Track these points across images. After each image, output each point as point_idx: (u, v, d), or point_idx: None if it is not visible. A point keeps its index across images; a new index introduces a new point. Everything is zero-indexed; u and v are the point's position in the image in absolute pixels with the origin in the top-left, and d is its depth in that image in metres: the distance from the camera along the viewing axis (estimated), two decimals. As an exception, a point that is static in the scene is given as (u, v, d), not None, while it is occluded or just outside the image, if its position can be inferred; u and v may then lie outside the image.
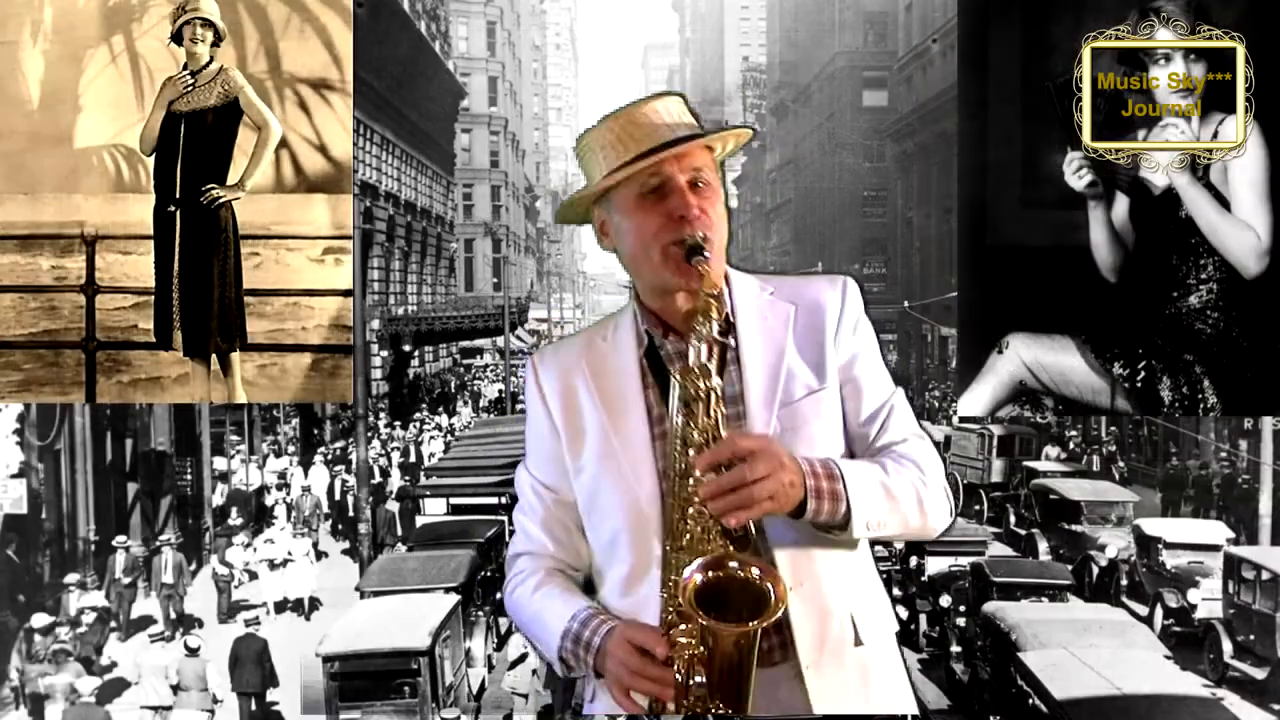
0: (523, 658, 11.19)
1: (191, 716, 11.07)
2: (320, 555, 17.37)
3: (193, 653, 11.27)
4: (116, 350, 5.07)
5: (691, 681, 1.81)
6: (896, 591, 15.18)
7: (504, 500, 15.60)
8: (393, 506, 18.40)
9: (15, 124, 5.07)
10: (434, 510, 16.87)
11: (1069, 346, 5.77)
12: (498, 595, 12.77)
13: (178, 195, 5.03)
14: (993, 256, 5.80)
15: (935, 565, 14.39)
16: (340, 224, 5.15)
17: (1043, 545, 17.43)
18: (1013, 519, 19.19)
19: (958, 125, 5.98)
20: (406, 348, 30.96)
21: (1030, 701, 9.79)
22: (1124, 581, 15.30)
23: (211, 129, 5.02)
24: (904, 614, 14.84)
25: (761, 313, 2.09)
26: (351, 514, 18.27)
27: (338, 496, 19.67)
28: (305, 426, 24.67)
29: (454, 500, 16.77)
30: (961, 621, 13.03)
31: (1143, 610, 14.26)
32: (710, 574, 1.81)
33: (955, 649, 12.91)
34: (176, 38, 4.99)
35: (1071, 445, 23.44)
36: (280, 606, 15.36)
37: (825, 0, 47.35)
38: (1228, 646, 12.86)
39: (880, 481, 1.95)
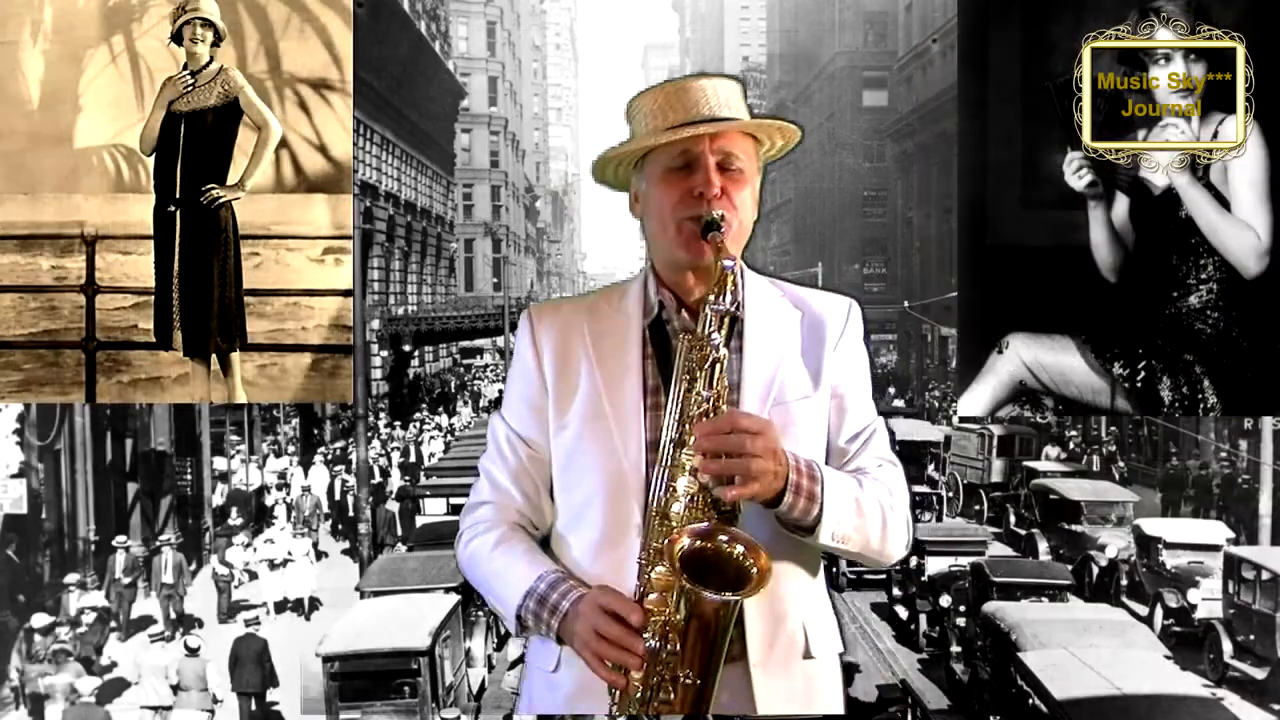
0: (523, 657, 11.17)
1: (191, 716, 11.07)
2: (320, 555, 17.37)
3: (193, 653, 11.26)
4: (116, 350, 5.07)
5: (664, 651, 1.78)
6: (897, 591, 15.18)
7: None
8: (393, 506, 18.39)
9: (15, 124, 5.07)
10: (434, 510, 16.88)
11: (1069, 346, 5.77)
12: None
13: (178, 195, 5.03)
14: (993, 256, 5.79)
15: (935, 565, 14.39)
16: (340, 224, 5.15)
17: (1043, 545, 17.43)
18: (1013, 519, 19.19)
19: (958, 125, 5.98)
20: (406, 348, 30.96)
21: (1030, 701, 9.78)
22: (1124, 581, 15.29)
23: (211, 129, 5.02)
24: (904, 614, 14.85)
25: (770, 310, 2.09)
26: (351, 514, 18.27)
27: (338, 496, 19.67)
28: (305, 426, 24.66)
29: (454, 500, 16.75)
30: (961, 621, 13.03)
31: (1143, 610, 14.25)
32: (698, 542, 1.79)
33: (955, 649, 12.91)
34: (176, 38, 4.99)
35: (1071, 445, 23.43)
36: (280, 606, 15.35)
37: (825, 0, 47.33)
38: (1228, 646, 12.85)
39: (855, 496, 1.95)
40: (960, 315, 6.10)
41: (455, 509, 16.46)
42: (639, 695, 1.81)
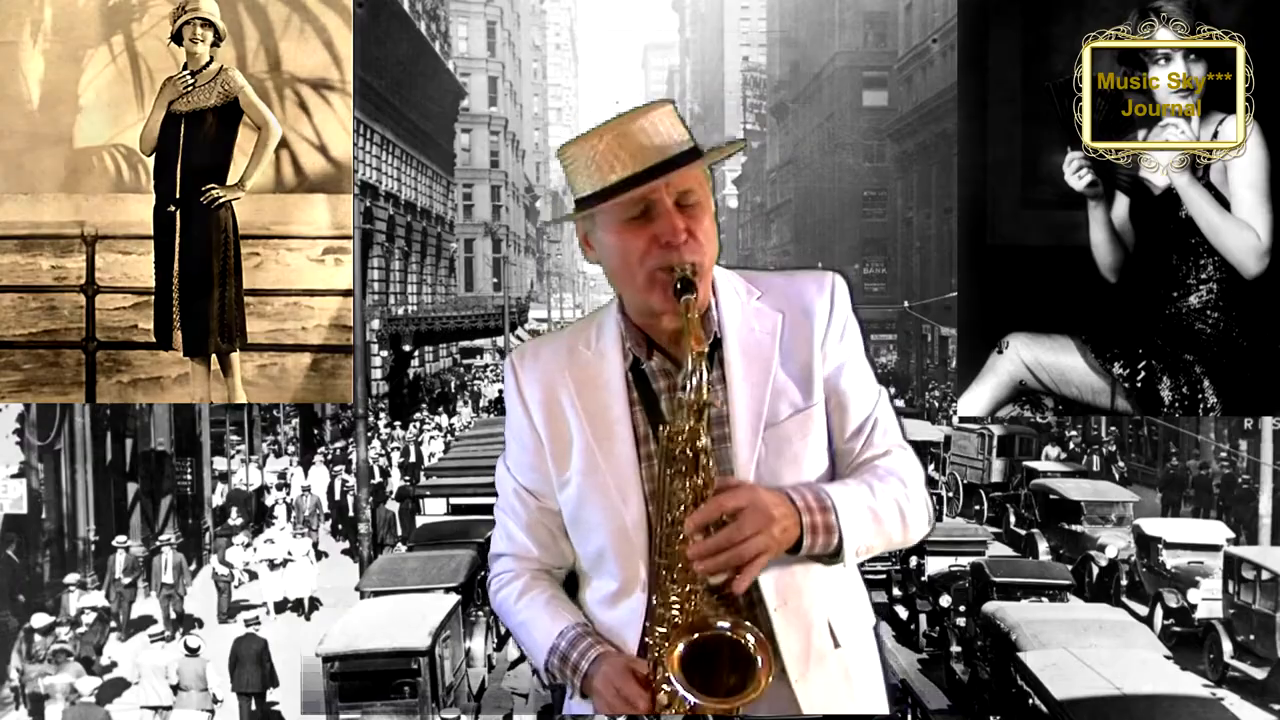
0: (523, 658, 11.18)
1: (191, 716, 11.07)
2: (320, 555, 17.37)
3: (193, 653, 11.26)
4: (116, 350, 5.07)
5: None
6: (897, 591, 15.17)
7: (503, 501, 15.59)
8: (393, 506, 18.39)
9: (15, 124, 5.08)
10: (434, 510, 16.87)
11: (1069, 346, 5.78)
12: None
13: (178, 195, 5.04)
14: (993, 256, 5.80)
15: (935, 565, 14.38)
16: (340, 224, 5.16)
17: (1043, 545, 17.43)
18: (1013, 519, 19.19)
19: (958, 125, 5.99)
20: (406, 348, 30.96)
21: (1030, 701, 9.78)
22: (1124, 581, 15.29)
23: (211, 129, 5.03)
24: (904, 614, 14.84)
25: (749, 324, 2.04)
26: (351, 514, 18.27)
27: (338, 496, 19.67)
28: (305, 426, 24.67)
29: (454, 500, 16.77)
30: (961, 621, 13.02)
31: (1143, 610, 14.24)
32: (697, 635, 1.84)
33: (955, 649, 12.91)
34: (176, 38, 4.99)
35: (1071, 445, 23.42)
36: (280, 606, 15.36)
37: (825, 0, 47.35)
38: (1228, 646, 12.85)
39: (868, 506, 1.94)
40: (960, 315, 6.11)
41: (455, 509, 16.50)
42: None
